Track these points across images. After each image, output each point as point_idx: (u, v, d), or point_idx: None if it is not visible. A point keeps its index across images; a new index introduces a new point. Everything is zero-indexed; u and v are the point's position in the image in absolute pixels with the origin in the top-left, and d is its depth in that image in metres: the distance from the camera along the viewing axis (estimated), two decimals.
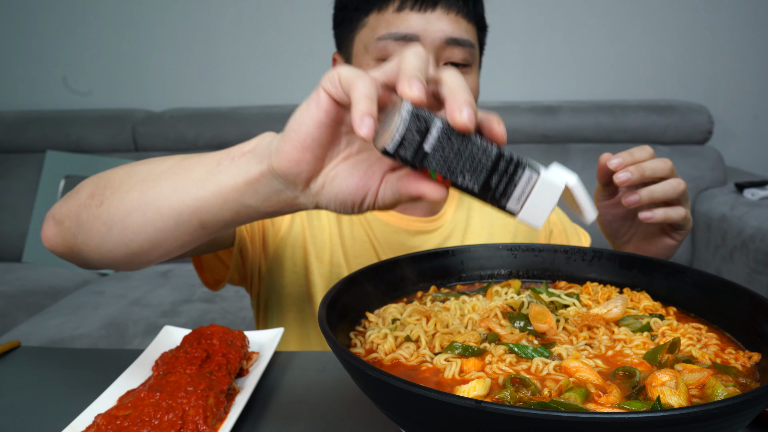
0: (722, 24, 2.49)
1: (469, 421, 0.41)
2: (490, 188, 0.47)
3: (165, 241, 0.59)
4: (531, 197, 0.48)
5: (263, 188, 0.52)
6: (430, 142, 0.45)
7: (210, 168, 0.55)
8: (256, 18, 2.58)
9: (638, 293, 0.70)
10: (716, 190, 2.21)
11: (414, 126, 0.45)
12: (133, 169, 0.63)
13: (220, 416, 0.60)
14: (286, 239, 0.97)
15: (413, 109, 0.45)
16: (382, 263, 0.70)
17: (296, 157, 0.49)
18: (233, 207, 0.55)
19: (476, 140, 0.46)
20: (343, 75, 0.47)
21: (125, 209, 0.59)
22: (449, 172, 0.47)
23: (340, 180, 0.51)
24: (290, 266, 0.97)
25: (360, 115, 0.44)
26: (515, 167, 0.47)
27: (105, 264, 0.65)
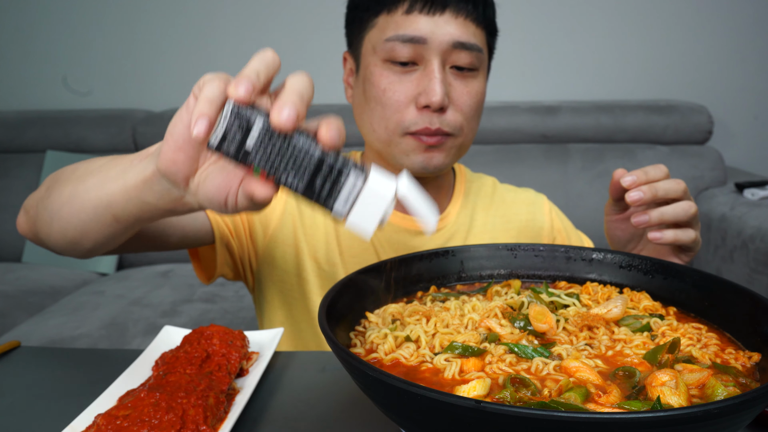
0: (722, 24, 2.49)
1: (469, 421, 0.41)
2: (315, 190, 0.48)
3: (90, 232, 0.65)
4: (358, 203, 0.48)
5: (156, 186, 0.56)
6: (252, 140, 0.47)
7: (124, 167, 0.60)
8: (256, 18, 2.58)
9: (638, 293, 0.70)
10: (716, 190, 2.21)
11: (236, 123, 0.47)
12: (77, 166, 0.69)
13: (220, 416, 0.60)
14: (276, 237, 0.97)
15: (235, 107, 0.47)
16: (381, 263, 0.70)
17: (171, 157, 0.52)
18: (136, 203, 0.59)
19: (299, 141, 0.47)
20: (206, 78, 0.50)
21: (60, 201, 0.66)
22: (273, 169, 0.48)
23: (210, 180, 0.53)
24: (281, 264, 0.97)
25: (195, 115, 0.47)
26: (339, 171, 0.48)
27: (55, 249, 0.72)
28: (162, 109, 2.55)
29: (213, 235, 0.92)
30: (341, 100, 2.34)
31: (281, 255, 0.97)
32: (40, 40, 2.65)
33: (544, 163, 2.29)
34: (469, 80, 0.91)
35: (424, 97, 0.87)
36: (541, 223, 1.08)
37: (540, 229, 1.08)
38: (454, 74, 0.90)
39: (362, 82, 0.94)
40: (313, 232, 0.98)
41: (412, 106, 0.89)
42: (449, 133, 0.90)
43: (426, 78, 0.88)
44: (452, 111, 0.90)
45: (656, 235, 0.76)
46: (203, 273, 0.97)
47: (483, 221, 1.05)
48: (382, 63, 0.90)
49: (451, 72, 0.90)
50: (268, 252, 0.97)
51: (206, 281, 0.98)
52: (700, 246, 0.81)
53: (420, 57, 0.88)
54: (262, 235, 0.97)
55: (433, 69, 0.87)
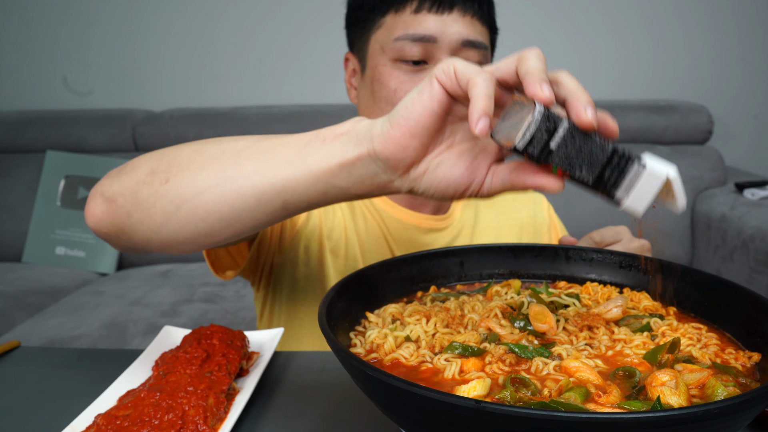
0: (722, 24, 2.49)
1: (469, 421, 0.41)
2: (603, 180, 0.51)
3: (240, 221, 0.58)
4: (635, 187, 0.51)
5: (357, 170, 0.53)
6: (557, 140, 0.49)
7: (298, 148, 0.55)
8: (256, 18, 2.57)
9: (638, 293, 0.70)
10: (716, 190, 2.21)
11: (544, 126, 0.48)
12: (201, 147, 0.61)
13: (220, 416, 0.60)
14: (300, 233, 0.97)
15: (546, 111, 0.48)
16: (382, 263, 0.70)
17: (404, 143, 0.51)
18: (322, 188, 0.55)
19: (596, 138, 0.50)
20: (459, 68, 0.49)
21: (198, 187, 0.57)
22: (569, 166, 0.50)
23: (445, 168, 0.53)
24: (303, 260, 0.97)
25: (478, 114, 0.46)
26: (626, 161, 0.51)
27: (157, 246, 0.62)
28: (162, 109, 2.55)
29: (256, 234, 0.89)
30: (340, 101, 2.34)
31: (303, 251, 0.97)
32: (40, 40, 2.65)
33: None
34: None
35: None
36: (542, 220, 1.10)
37: (541, 226, 1.09)
38: None
39: (370, 82, 0.94)
40: (335, 228, 0.98)
41: None
42: None
43: None
44: None
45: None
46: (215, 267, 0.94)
47: (487, 219, 1.06)
48: (392, 63, 0.90)
49: None
50: (293, 247, 0.97)
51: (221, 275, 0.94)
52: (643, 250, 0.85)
53: (430, 56, 0.89)
54: (290, 230, 0.97)
55: None
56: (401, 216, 0.99)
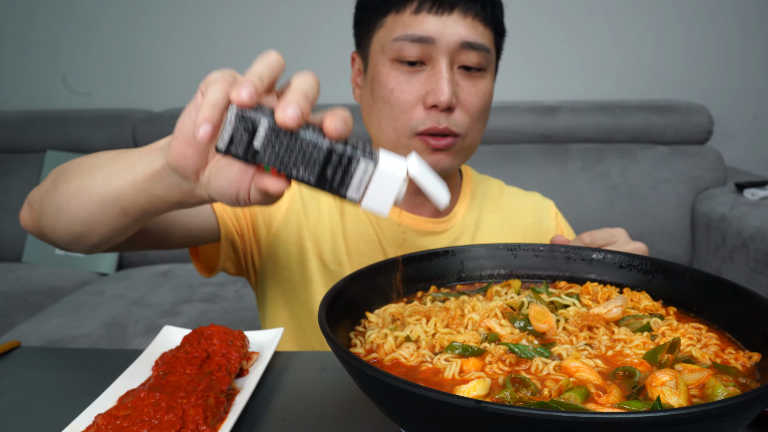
0: (722, 24, 2.49)
1: (469, 421, 0.41)
2: (326, 180, 0.50)
3: (98, 225, 0.65)
4: (371, 187, 0.50)
5: (165, 180, 0.57)
6: (259, 139, 0.49)
7: (132, 160, 0.61)
8: (256, 18, 2.58)
9: (638, 293, 0.70)
10: (716, 190, 2.21)
11: (242, 126, 0.48)
12: (83, 160, 0.70)
13: (220, 416, 0.60)
14: (279, 235, 0.97)
15: (239, 111, 0.48)
16: (382, 263, 0.70)
17: (181, 152, 0.54)
18: (145, 196, 0.60)
19: (306, 136, 0.49)
20: (209, 78, 0.52)
21: (68, 195, 0.66)
22: (282, 165, 0.50)
23: (220, 175, 0.55)
24: (284, 263, 0.97)
25: (199, 120, 0.48)
26: (349, 160, 0.49)
27: (60, 243, 0.72)
28: (162, 109, 2.55)
29: (218, 232, 0.91)
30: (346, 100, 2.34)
31: (284, 253, 0.97)
32: (40, 40, 2.65)
33: (544, 163, 2.29)
34: (477, 80, 0.91)
35: (432, 96, 0.87)
36: (548, 227, 1.08)
37: (546, 233, 1.08)
38: (462, 74, 0.90)
39: (370, 82, 0.94)
40: (319, 231, 0.98)
41: (420, 105, 0.89)
42: (456, 133, 0.90)
43: (434, 78, 0.88)
44: (459, 111, 0.90)
45: None
46: (203, 267, 0.97)
47: (490, 224, 1.05)
48: (390, 63, 0.90)
49: (459, 72, 0.90)
50: (272, 250, 0.97)
51: (207, 274, 0.98)
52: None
53: (428, 57, 0.88)
54: (266, 232, 0.97)
55: (441, 69, 0.87)
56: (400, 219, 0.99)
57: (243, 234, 0.96)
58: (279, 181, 0.51)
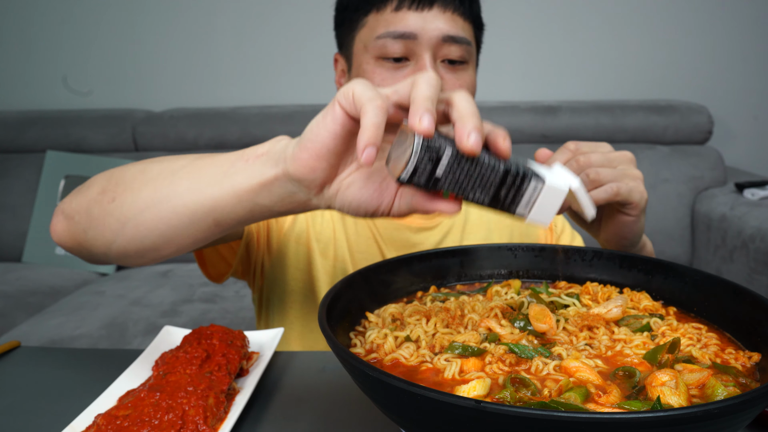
0: (722, 24, 2.49)
1: (469, 421, 0.41)
2: (500, 200, 0.52)
3: (178, 238, 0.61)
4: (537, 203, 0.52)
5: (277, 190, 0.55)
6: (442, 168, 0.49)
7: (224, 169, 0.58)
8: (256, 18, 2.58)
9: (638, 293, 0.70)
10: (716, 190, 2.21)
11: (426, 156, 0.48)
12: (145, 167, 0.64)
13: (220, 416, 0.60)
14: (289, 235, 0.98)
15: (425, 142, 0.48)
16: (382, 263, 0.70)
17: (311, 165, 0.52)
18: (247, 206, 0.57)
19: (484, 160, 0.50)
20: (357, 93, 0.50)
21: (138, 206, 0.61)
22: (461, 190, 0.51)
23: (355, 189, 0.54)
24: (293, 262, 0.98)
25: (363, 144, 0.47)
26: (521, 180, 0.51)
27: (114, 259, 0.66)
28: (162, 109, 2.55)
29: (241, 233, 0.91)
30: None
31: (294, 253, 0.98)
32: (40, 40, 2.65)
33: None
34: (461, 73, 0.92)
35: None
36: None
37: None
38: (446, 67, 0.91)
39: None
40: (323, 231, 0.99)
41: None
42: None
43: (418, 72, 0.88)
44: None
45: None
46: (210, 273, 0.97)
47: (478, 216, 1.06)
48: (375, 60, 0.91)
49: (442, 66, 0.91)
50: (282, 251, 0.98)
51: (217, 280, 0.98)
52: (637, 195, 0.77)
53: (411, 52, 0.89)
54: (277, 233, 0.98)
55: (425, 63, 0.89)
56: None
57: (259, 235, 0.97)
58: (453, 205, 0.52)
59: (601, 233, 0.85)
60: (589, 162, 0.76)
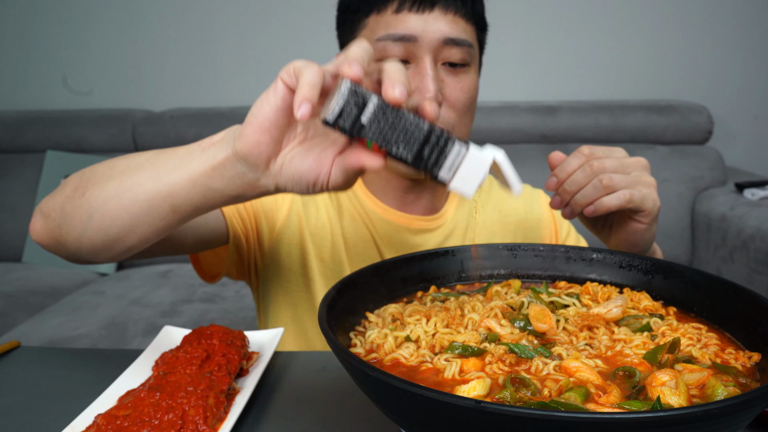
0: (722, 24, 2.49)
1: (469, 421, 0.41)
2: (423, 158, 0.53)
3: (139, 227, 0.65)
4: (461, 169, 0.53)
5: (228, 172, 0.58)
6: (367, 114, 0.52)
7: (182, 157, 0.62)
8: (256, 18, 2.58)
9: (638, 293, 0.70)
10: (716, 190, 2.21)
11: (352, 100, 0.51)
12: (114, 163, 0.69)
13: (220, 416, 0.60)
14: (281, 236, 0.97)
15: (352, 85, 0.51)
16: (382, 263, 0.70)
17: (256, 139, 0.55)
18: (201, 191, 0.60)
19: (409, 116, 0.53)
20: (297, 65, 0.53)
21: (103, 198, 0.65)
22: (385, 141, 0.52)
23: (296, 161, 0.56)
24: (286, 263, 0.97)
25: (299, 99, 0.50)
26: (446, 141, 0.53)
27: (87, 253, 0.70)
28: (162, 109, 2.55)
29: (226, 236, 0.92)
30: None
31: (287, 254, 0.97)
32: (40, 40, 2.65)
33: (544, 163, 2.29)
34: (462, 76, 0.91)
35: (418, 94, 0.87)
36: (539, 214, 1.08)
37: (538, 221, 1.07)
38: (447, 70, 0.90)
39: None
40: (319, 231, 0.98)
41: None
42: None
43: (418, 75, 0.88)
44: (445, 108, 0.90)
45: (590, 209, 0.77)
46: (205, 274, 0.97)
47: (481, 219, 1.05)
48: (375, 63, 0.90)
49: (443, 68, 0.90)
50: (274, 251, 0.98)
51: (210, 280, 0.98)
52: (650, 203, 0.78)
53: (412, 55, 0.88)
54: (268, 234, 0.97)
55: (425, 66, 0.88)
56: (391, 217, 0.99)
57: (248, 236, 0.96)
58: (377, 158, 0.53)
59: (612, 239, 0.86)
60: (603, 167, 0.77)
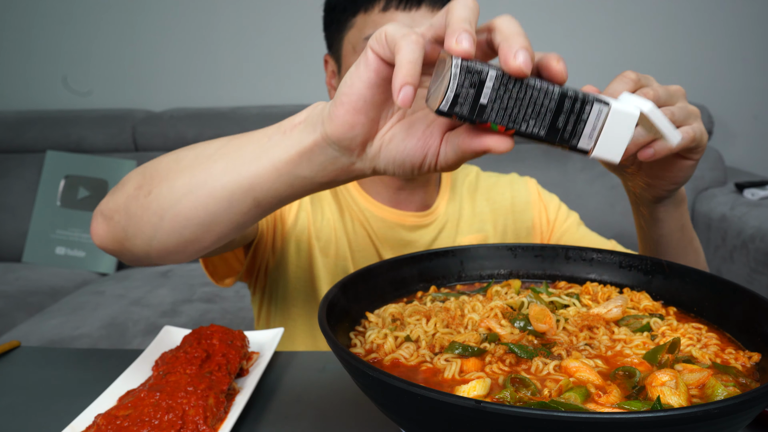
0: (722, 24, 2.49)
1: (469, 421, 0.41)
2: (558, 130, 0.45)
3: (218, 224, 0.58)
4: (604, 132, 0.45)
5: (317, 157, 0.51)
6: (486, 94, 0.43)
7: (261, 144, 0.55)
8: (256, 18, 2.58)
9: (638, 293, 0.70)
10: (716, 190, 2.21)
11: (467, 81, 0.43)
12: (178, 156, 0.62)
13: (220, 416, 0.60)
14: (290, 233, 0.97)
15: (462, 63, 0.43)
16: (382, 263, 0.70)
17: (350, 120, 0.48)
18: (287, 180, 0.54)
19: (535, 83, 0.44)
20: (389, 33, 0.46)
21: (175, 196, 0.58)
22: (511, 121, 0.45)
23: (398, 141, 0.50)
24: (294, 260, 0.98)
25: (398, 83, 0.43)
26: (582, 104, 0.45)
27: (157, 256, 0.63)
28: (162, 109, 2.55)
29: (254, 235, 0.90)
30: None
31: (295, 251, 0.98)
32: (40, 40, 2.65)
33: (544, 163, 2.29)
34: None
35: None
36: (526, 197, 1.08)
37: (526, 204, 1.07)
38: None
39: None
40: (324, 228, 0.99)
41: None
42: None
43: None
44: None
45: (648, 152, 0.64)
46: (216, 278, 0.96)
47: (471, 209, 1.06)
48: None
49: None
50: (285, 249, 0.98)
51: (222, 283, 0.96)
52: (706, 137, 0.68)
53: None
54: (281, 232, 0.98)
55: None
56: (385, 215, 1.00)
57: (267, 235, 0.96)
58: (505, 139, 0.45)
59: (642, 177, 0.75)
60: (657, 96, 0.66)
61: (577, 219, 1.09)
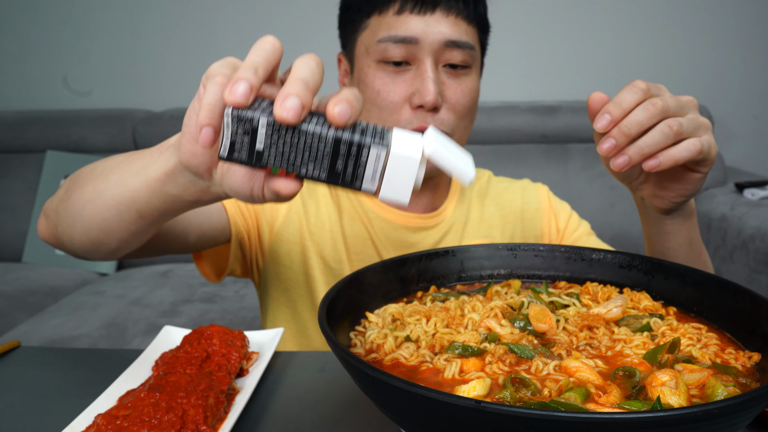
0: (722, 24, 2.49)
1: (469, 421, 0.41)
2: (338, 174, 0.46)
3: (114, 231, 0.63)
4: (386, 175, 0.45)
5: (180, 179, 0.54)
6: (261, 140, 0.44)
7: (145, 161, 0.59)
8: (256, 18, 2.58)
9: (638, 293, 0.70)
10: (716, 190, 2.21)
11: (240, 129, 0.44)
12: (95, 165, 0.68)
13: (220, 416, 0.60)
14: (281, 235, 0.97)
15: (233, 112, 0.44)
16: (382, 263, 0.70)
17: (191, 149, 0.51)
18: (160, 196, 0.57)
19: (308, 128, 0.44)
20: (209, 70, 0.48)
21: (82, 201, 0.64)
22: (290, 165, 0.45)
23: (232, 172, 0.52)
24: (286, 262, 0.98)
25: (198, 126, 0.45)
26: (358, 148, 0.45)
27: (81, 252, 0.70)
28: (162, 109, 2.55)
29: (229, 233, 0.91)
30: None
31: (286, 253, 0.98)
32: (40, 40, 2.65)
33: (544, 163, 2.29)
34: (463, 78, 0.91)
35: (418, 97, 0.87)
36: (537, 204, 1.07)
37: (536, 211, 1.06)
38: (448, 72, 0.90)
39: (357, 83, 0.94)
40: (319, 230, 0.99)
41: (407, 106, 0.89)
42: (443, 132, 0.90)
43: (419, 78, 0.88)
44: (446, 110, 0.90)
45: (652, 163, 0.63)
46: (208, 272, 0.97)
47: (478, 214, 1.05)
48: (376, 64, 0.90)
49: (444, 70, 0.90)
50: (274, 249, 0.98)
51: (215, 279, 0.98)
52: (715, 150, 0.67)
53: (413, 57, 0.88)
54: (268, 232, 0.98)
55: (426, 68, 0.88)
56: (390, 216, 0.99)
57: (250, 233, 0.96)
58: (290, 182, 0.47)
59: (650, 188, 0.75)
60: (667, 107, 0.64)
61: (588, 228, 1.08)
